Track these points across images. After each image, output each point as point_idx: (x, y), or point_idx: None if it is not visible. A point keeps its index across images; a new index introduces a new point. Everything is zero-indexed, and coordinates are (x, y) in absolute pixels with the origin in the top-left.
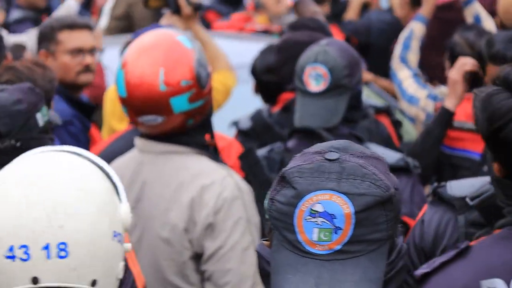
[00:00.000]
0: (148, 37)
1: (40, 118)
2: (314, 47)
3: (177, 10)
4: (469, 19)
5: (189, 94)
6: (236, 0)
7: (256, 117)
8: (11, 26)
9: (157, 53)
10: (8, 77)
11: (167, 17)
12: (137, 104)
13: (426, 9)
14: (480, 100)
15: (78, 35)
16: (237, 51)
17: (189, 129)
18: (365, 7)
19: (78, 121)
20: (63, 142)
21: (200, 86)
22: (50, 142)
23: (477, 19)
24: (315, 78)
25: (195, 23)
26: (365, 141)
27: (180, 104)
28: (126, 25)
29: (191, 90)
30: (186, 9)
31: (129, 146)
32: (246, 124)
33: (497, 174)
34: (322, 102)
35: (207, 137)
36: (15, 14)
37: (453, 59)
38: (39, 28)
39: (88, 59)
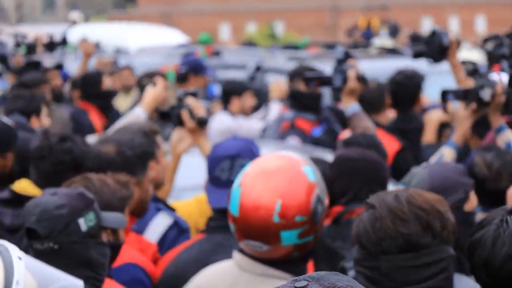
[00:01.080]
0: (272, 160)
1: (83, 223)
2: (414, 169)
3: (180, 124)
4: (501, 146)
5: (301, 230)
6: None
7: None
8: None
9: (278, 182)
10: (78, 185)
11: (177, 131)
12: (246, 228)
13: (457, 136)
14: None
15: None
16: None
17: (293, 258)
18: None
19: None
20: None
21: (313, 223)
22: (97, 246)
23: (509, 146)
24: None
25: (202, 137)
26: None
27: (289, 238)
28: None
29: (304, 226)
30: (189, 123)
31: (200, 255)
32: None
33: None
34: None
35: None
36: None
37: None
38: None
39: None
